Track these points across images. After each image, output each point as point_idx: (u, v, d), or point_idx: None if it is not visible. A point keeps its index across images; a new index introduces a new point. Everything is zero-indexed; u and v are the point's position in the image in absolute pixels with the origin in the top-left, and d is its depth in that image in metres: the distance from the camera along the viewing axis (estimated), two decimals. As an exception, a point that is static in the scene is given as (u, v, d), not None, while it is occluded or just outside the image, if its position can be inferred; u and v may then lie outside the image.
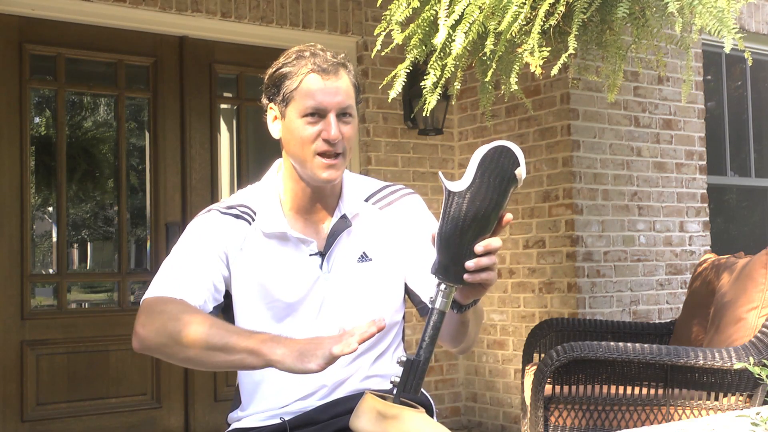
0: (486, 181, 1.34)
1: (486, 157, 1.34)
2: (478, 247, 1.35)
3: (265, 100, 1.78)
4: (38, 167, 4.61)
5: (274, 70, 1.75)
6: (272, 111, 1.77)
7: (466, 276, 1.36)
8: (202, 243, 1.72)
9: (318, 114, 1.69)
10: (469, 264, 1.35)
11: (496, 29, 2.41)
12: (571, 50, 2.43)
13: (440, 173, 1.43)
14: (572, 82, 4.41)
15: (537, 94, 4.80)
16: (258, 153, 4.95)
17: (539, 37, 2.41)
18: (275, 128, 1.77)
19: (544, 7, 2.37)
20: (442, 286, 1.38)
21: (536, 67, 2.43)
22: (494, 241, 1.36)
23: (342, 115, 1.70)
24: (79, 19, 4.27)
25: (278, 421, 1.71)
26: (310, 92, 1.69)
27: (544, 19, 2.41)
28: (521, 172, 1.36)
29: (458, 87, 2.79)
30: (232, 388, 3.94)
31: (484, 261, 1.35)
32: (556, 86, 4.70)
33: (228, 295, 1.75)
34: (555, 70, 2.48)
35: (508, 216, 1.37)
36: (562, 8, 2.42)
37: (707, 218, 5.22)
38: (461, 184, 1.35)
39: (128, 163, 4.65)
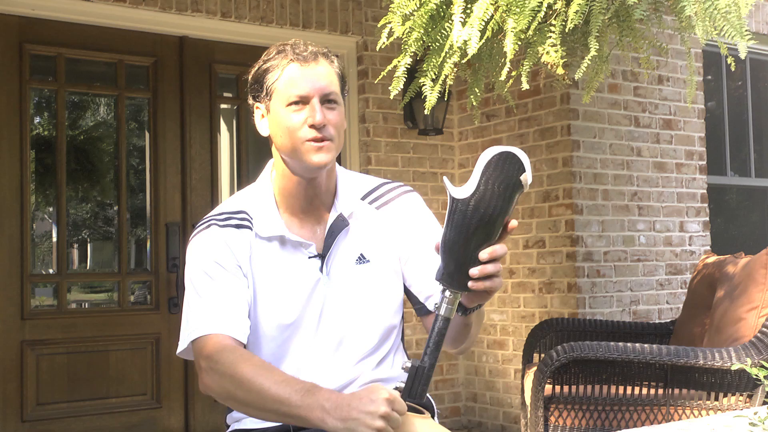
0: (491, 188, 1.31)
1: (490, 164, 1.31)
2: (483, 255, 1.33)
3: (250, 100, 1.78)
4: (38, 167, 4.61)
5: (256, 68, 1.76)
6: (258, 110, 1.77)
7: (470, 283, 1.34)
8: (222, 264, 1.69)
9: (302, 102, 1.68)
10: (474, 271, 1.33)
11: (514, 29, 2.40)
12: (593, 52, 2.42)
13: (445, 179, 1.41)
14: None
15: (537, 94, 4.79)
16: (258, 153, 4.94)
17: (558, 36, 2.40)
18: (263, 125, 1.77)
19: (574, 7, 2.35)
20: (447, 293, 1.36)
21: (557, 66, 2.42)
22: (499, 248, 1.34)
23: (326, 101, 1.70)
24: (79, 19, 4.27)
25: (280, 422, 1.69)
26: (291, 80, 1.69)
27: (564, 19, 2.40)
28: (527, 178, 1.33)
29: (451, 83, 2.79)
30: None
31: (490, 268, 1.34)
32: (556, 86, 4.69)
33: None
34: (579, 74, 2.47)
35: (513, 222, 1.35)
36: (585, 8, 2.40)
37: (707, 218, 5.21)
38: (465, 191, 1.32)
39: (128, 163, 4.64)
